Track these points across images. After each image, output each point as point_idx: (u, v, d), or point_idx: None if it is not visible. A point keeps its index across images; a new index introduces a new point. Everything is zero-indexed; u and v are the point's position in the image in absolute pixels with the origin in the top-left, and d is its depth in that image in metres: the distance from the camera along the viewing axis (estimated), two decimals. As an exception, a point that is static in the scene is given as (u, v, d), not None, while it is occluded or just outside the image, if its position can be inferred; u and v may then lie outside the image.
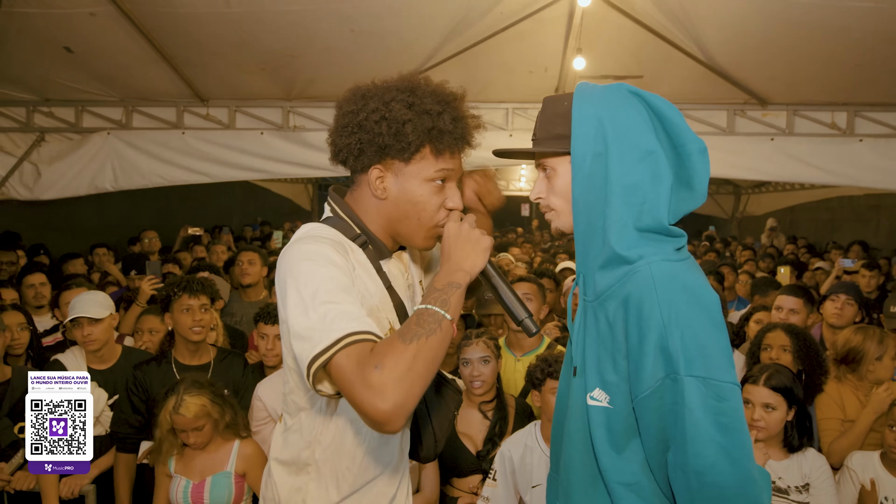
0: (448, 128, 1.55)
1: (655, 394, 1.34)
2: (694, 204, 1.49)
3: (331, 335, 1.31)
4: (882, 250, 10.50)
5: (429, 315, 1.36)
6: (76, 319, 3.23)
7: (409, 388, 1.27)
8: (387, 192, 1.58)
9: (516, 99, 6.16)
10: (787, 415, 2.61)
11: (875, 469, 2.76)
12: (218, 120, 6.27)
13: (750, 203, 15.44)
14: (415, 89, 1.55)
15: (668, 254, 1.44)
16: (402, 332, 1.33)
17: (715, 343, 1.34)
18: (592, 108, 1.47)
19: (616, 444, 1.42)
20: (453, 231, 1.53)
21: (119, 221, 9.58)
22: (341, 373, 1.29)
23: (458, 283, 1.44)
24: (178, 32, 4.95)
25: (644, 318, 1.35)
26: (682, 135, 1.46)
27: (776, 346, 3.14)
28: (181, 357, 3.20)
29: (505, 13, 4.78)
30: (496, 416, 3.00)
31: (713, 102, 5.97)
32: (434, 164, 1.56)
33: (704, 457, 1.29)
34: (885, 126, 5.73)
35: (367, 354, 1.29)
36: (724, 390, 1.31)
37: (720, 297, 1.50)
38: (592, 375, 1.47)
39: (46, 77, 5.67)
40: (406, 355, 1.28)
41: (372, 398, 1.25)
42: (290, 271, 1.44)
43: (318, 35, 4.95)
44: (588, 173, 1.46)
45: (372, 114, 1.53)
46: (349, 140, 1.56)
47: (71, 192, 6.26)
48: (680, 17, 4.71)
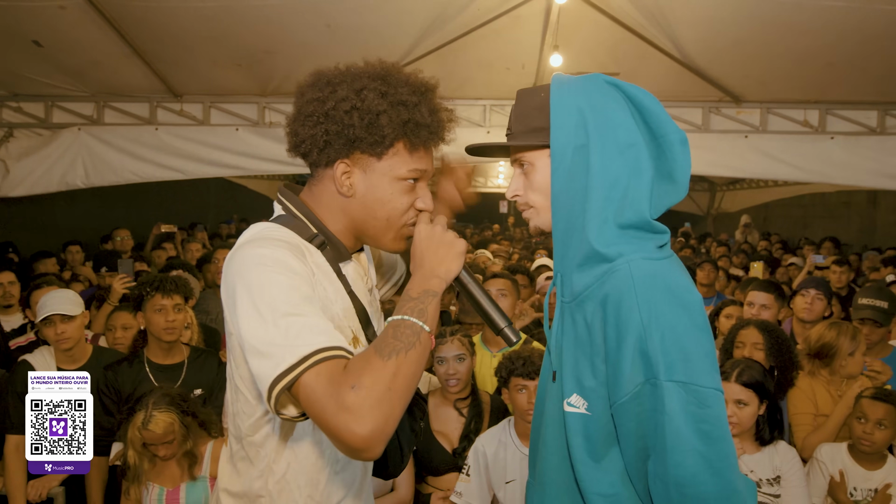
0: (426, 121, 1.42)
1: (634, 399, 1.27)
2: (676, 197, 1.42)
3: (296, 351, 1.17)
4: (852, 246, 10.71)
5: (406, 327, 1.24)
6: (48, 318, 3.16)
7: (390, 409, 1.14)
8: (353, 188, 1.44)
9: (493, 96, 6.16)
10: (758, 409, 2.65)
11: (843, 460, 2.81)
12: (192, 116, 6.19)
13: (724, 200, 15.62)
14: (387, 77, 1.42)
15: (649, 251, 1.37)
16: (378, 347, 1.20)
17: (697, 346, 1.26)
18: (572, 98, 1.39)
19: (594, 452, 1.35)
20: (425, 234, 1.41)
21: (91, 219, 9.43)
22: (310, 394, 1.15)
23: (434, 292, 1.33)
24: (151, 26, 4.88)
25: (622, 319, 1.27)
26: (663, 125, 1.38)
27: (749, 344, 3.18)
28: (154, 356, 3.16)
29: (482, 9, 4.78)
30: (471, 414, 3.00)
31: (688, 100, 6.02)
32: (408, 162, 1.43)
33: (685, 467, 1.21)
34: (855, 124, 5.83)
35: (339, 373, 1.15)
36: (707, 396, 1.23)
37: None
38: (569, 381, 1.39)
39: (14, 71, 5.55)
40: (385, 373, 1.15)
41: (348, 423, 1.11)
42: (241, 278, 1.28)
43: (294, 30, 4.90)
44: (569, 167, 1.38)
45: (341, 102, 1.38)
46: (314, 131, 1.40)
47: (41, 188, 6.15)
48: (656, 16, 4.75)
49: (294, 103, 1.48)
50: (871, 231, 11.46)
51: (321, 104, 1.40)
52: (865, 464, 2.78)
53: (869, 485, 2.75)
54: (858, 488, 2.75)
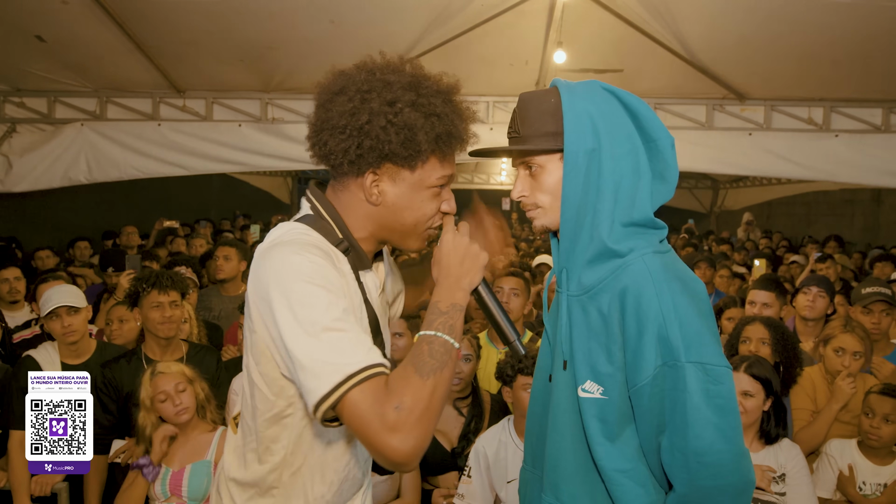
0: (458, 132, 1.45)
1: (654, 381, 1.39)
2: (667, 196, 1.54)
3: (343, 370, 1.22)
4: (856, 244, 10.68)
5: (440, 344, 1.30)
6: (54, 311, 3.16)
7: (428, 426, 1.22)
8: (382, 197, 1.45)
9: (497, 92, 6.14)
10: (764, 404, 2.66)
11: (852, 455, 2.84)
12: (195, 111, 6.18)
13: (728, 197, 15.58)
14: (419, 87, 1.42)
15: (655, 246, 1.49)
16: (416, 365, 1.26)
17: (707, 329, 1.40)
18: (583, 104, 1.47)
19: (610, 433, 1.46)
20: (451, 243, 1.46)
21: (94, 214, 9.44)
22: (355, 411, 1.21)
23: (460, 306, 1.39)
24: (154, 22, 4.87)
25: (643, 309, 1.39)
26: (656, 129, 1.50)
27: (755, 339, 3.17)
28: (151, 353, 3.15)
29: (485, 5, 4.76)
30: (471, 413, 3.00)
31: (692, 97, 6.00)
32: (438, 171, 1.46)
33: (703, 438, 1.36)
34: (860, 122, 5.81)
35: (382, 390, 1.22)
36: (720, 374, 1.38)
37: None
38: (583, 368, 1.49)
39: (18, 66, 5.55)
40: (424, 392, 1.22)
41: (391, 440, 1.18)
42: (278, 286, 1.31)
43: (297, 26, 4.89)
44: (582, 170, 1.47)
45: (376, 117, 1.37)
46: (346, 144, 1.39)
47: (44, 184, 6.14)
48: (660, 12, 4.73)
49: (318, 108, 1.47)
50: (875, 229, 11.44)
51: (353, 117, 1.39)
52: (875, 459, 2.80)
53: (878, 479, 2.76)
54: (868, 483, 2.76)
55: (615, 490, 1.46)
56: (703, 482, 1.38)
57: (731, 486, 1.40)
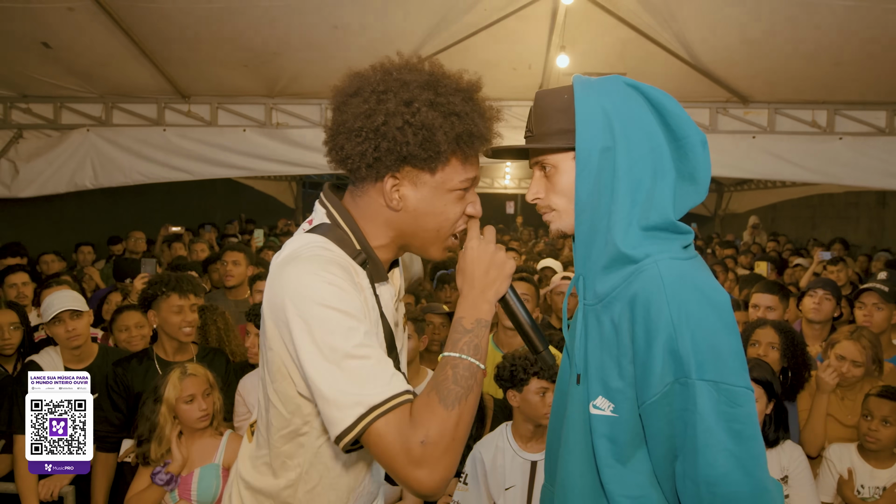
0: (479, 131, 1.37)
1: (664, 399, 1.27)
2: (698, 198, 1.43)
3: (366, 401, 1.19)
4: (861, 247, 10.64)
5: (465, 368, 1.25)
6: (57, 316, 3.18)
7: (455, 456, 1.21)
8: (403, 202, 1.39)
9: (500, 96, 6.14)
10: (766, 408, 2.65)
11: (851, 459, 2.83)
12: (200, 117, 6.21)
13: (732, 200, 15.56)
14: (436, 85, 1.36)
15: (675, 252, 1.36)
16: (441, 393, 1.22)
17: (727, 345, 1.26)
18: (597, 100, 1.37)
19: (620, 455, 1.35)
20: (477, 251, 1.39)
21: (99, 219, 9.47)
22: (380, 443, 1.19)
23: (486, 321, 1.33)
24: (159, 28, 4.90)
25: (652, 318, 1.27)
26: (684, 126, 1.39)
27: (764, 343, 3.16)
28: (163, 354, 3.18)
29: (488, 10, 4.78)
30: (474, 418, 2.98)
31: (696, 100, 6.00)
32: (461, 173, 1.39)
33: (716, 466, 1.22)
34: (864, 124, 5.80)
35: (406, 422, 1.19)
36: (738, 395, 1.23)
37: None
38: (595, 383, 1.38)
39: (24, 73, 5.58)
40: (450, 423, 1.20)
41: (419, 475, 1.17)
42: (297, 308, 1.26)
43: (300, 31, 4.91)
44: (595, 170, 1.37)
45: (392, 118, 1.31)
46: (362, 147, 1.33)
47: (50, 189, 6.18)
48: (664, 15, 4.74)
49: (335, 111, 1.41)
50: (880, 232, 11.39)
51: (369, 119, 1.32)
52: (874, 462, 2.79)
53: (877, 483, 2.76)
54: (866, 486, 2.76)
55: None
56: None
57: None
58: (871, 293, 3.59)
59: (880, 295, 3.56)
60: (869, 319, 3.56)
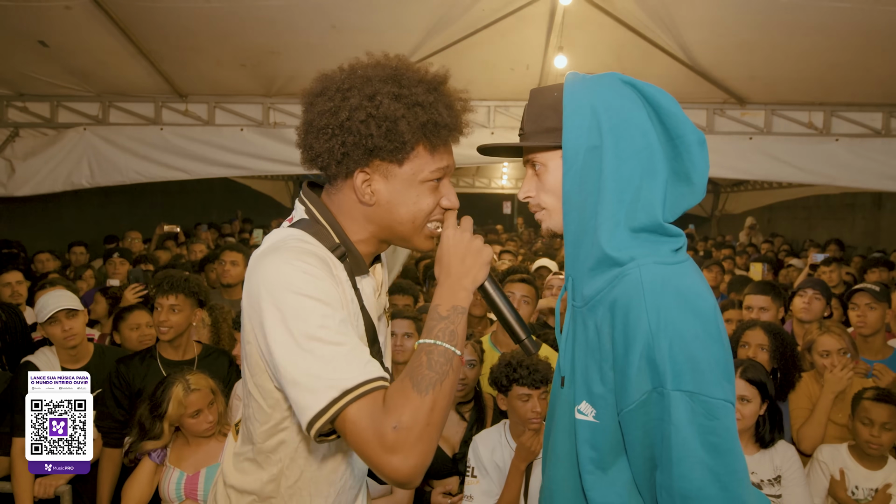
0: (444, 120, 1.37)
1: (641, 408, 1.24)
2: (693, 200, 1.39)
3: (337, 385, 1.18)
4: (857, 248, 10.68)
5: (439, 354, 1.24)
6: (53, 315, 3.17)
7: (430, 442, 1.19)
8: (375, 196, 1.40)
9: (498, 97, 6.16)
10: (759, 409, 2.66)
11: (844, 460, 2.82)
12: (197, 116, 6.21)
13: (729, 201, 15.59)
14: (399, 78, 1.36)
15: (663, 255, 1.33)
16: (414, 379, 1.21)
17: (707, 354, 1.22)
18: (586, 97, 1.35)
19: (601, 461, 1.32)
20: (453, 240, 1.38)
21: (96, 218, 9.45)
22: (353, 430, 1.18)
23: (462, 308, 1.32)
24: (157, 27, 4.89)
25: (630, 325, 1.24)
26: (680, 125, 1.35)
27: (754, 345, 3.18)
28: (165, 353, 3.19)
29: (486, 10, 4.78)
30: (473, 418, 2.99)
31: (693, 101, 6.01)
32: (430, 163, 1.39)
33: (691, 479, 1.19)
34: (860, 126, 5.82)
35: (379, 408, 1.18)
36: (715, 407, 1.20)
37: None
38: (580, 387, 1.36)
39: (21, 71, 5.58)
40: (423, 409, 1.18)
41: (392, 461, 1.16)
42: (270, 297, 1.27)
43: (298, 31, 4.91)
44: (581, 168, 1.34)
45: (355, 112, 1.32)
46: (329, 144, 1.35)
47: (46, 188, 6.17)
48: (661, 16, 4.75)
49: (304, 112, 1.43)
50: (876, 233, 11.42)
51: (334, 115, 1.35)
52: (867, 464, 2.79)
53: (870, 484, 2.76)
54: (860, 487, 2.76)
55: None
56: None
57: None
58: (864, 293, 3.60)
59: (872, 295, 3.57)
60: (863, 320, 3.56)
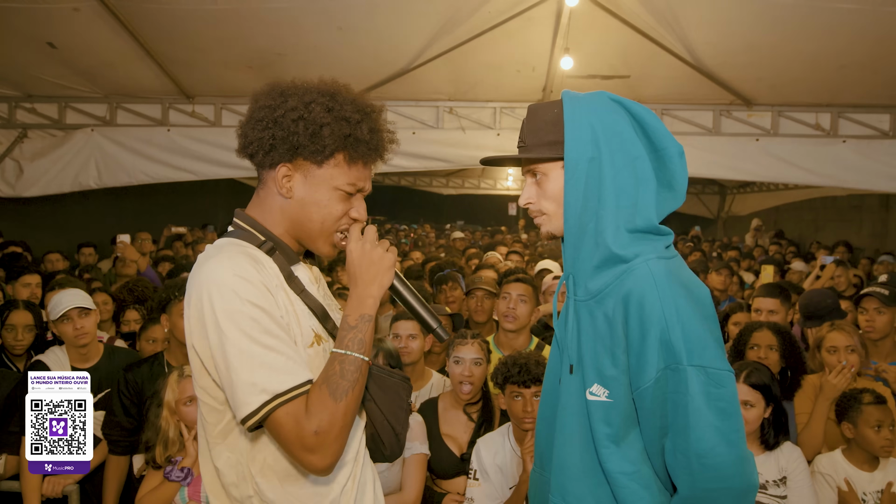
0: (365, 137, 1.52)
1: (657, 384, 1.43)
2: (675, 204, 1.58)
3: (269, 388, 1.34)
4: (864, 250, 10.62)
5: (350, 363, 1.41)
6: (65, 314, 3.18)
7: (342, 441, 1.39)
8: (292, 191, 1.53)
9: (504, 98, 6.16)
10: (764, 412, 2.64)
11: (844, 468, 2.79)
12: (204, 117, 6.23)
13: (735, 203, 15.53)
14: (335, 95, 1.52)
15: (660, 251, 1.52)
16: (331, 387, 1.38)
17: (709, 334, 1.44)
18: (584, 115, 1.53)
19: (615, 436, 1.49)
20: (356, 252, 1.51)
21: (103, 219, 9.49)
22: (279, 431, 1.35)
23: (369, 316, 1.47)
24: (164, 29, 4.92)
25: (646, 313, 1.43)
26: (663, 139, 1.54)
27: (763, 346, 3.17)
28: (174, 359, 3.13)
29: (493, 12, 4.79)
30: (481, 419, 2.99)
31: (699, 103, 6.01)
32: (346, 174, 1.52)
33: (705, 440, 1.39)
34: (868, 127, 5.80)
35: (303, 413, 1.34)
36: (722, 377, 1.41)
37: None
38: (590, 371, 1.53)
39: (29, 73, 5.61)
40: (338, 414, 1.36)
41: (312, 460, 1.35)
42: (209, 301, 1.37)
43: (305, 33, 4.93)
44: (583, 177, 1.52)
45: (290, 112, 1.48)
46: (262, 134, 1.51)
47: (54, 189, 6.21)
48: (667, 18, 4.74)
49: (248, 108, 1.59)
50: (884, 235, 11.37)
51: (271, 111, 1.50)
52: (864, 466, 2.77)
53: (873, 487, 2.74)
54: (868, 493, 2.74)
55: (620, 492, 1.49)
56: (705, 484, 1.41)
57: (734, 489, 1.43)
58: (872, 298, 3.59)
59: (880, 299, 3.56)
60: (871, 324, 3.55)
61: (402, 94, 6.02)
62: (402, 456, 2.73)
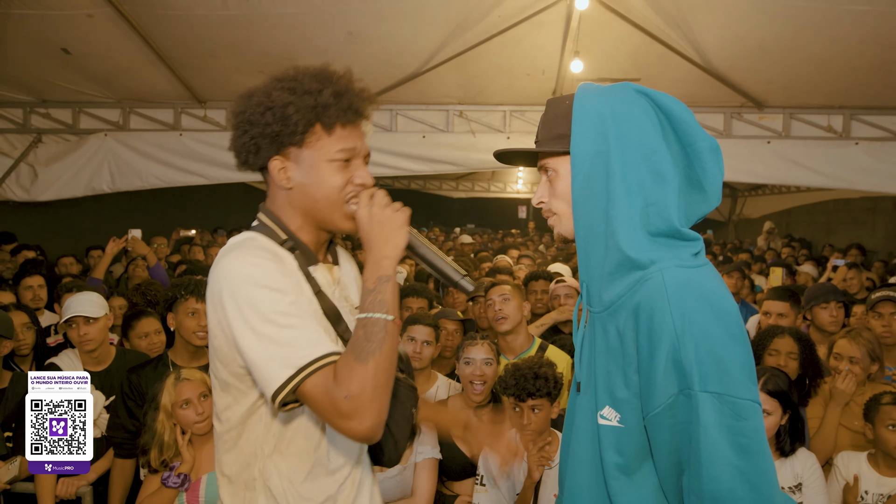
0: (330, 102, 1.50)
1: (668, 411, 1.23)
2: (707, 207, 1.41)
3: (293, 363, 1.33)
4: (878, 252, 10.54)
5: (373, 324, 1.38)
6: (71, 319, 3.22)
7: (381, 401, 1.35)
8: (291, 180, 1.53)
9: (514, 101, 6.17)
10: (780, 419, 2.61)
11: (859, 466, 2.79)
12: (215, 122, 6.27)
13: (746, 206, 15.47)
14: (296, 76, 1.54)
15: (683, 259, 1.33)
16: (356, 351, 1.35)
17: (733, 356, 1.23)
18: (594, 105, 1.38)
19: (627, 467, 1.32)
20: (365, 217, 1.48)
21: (116, 223, 9.55)
22: (312, 402, 1.34)
23: (387, 276, 1.44)
24: (176, 34, 4.96)
25: (655, 328, 1.24)
26: (692, 133, 1.37)
27: (784, 353, 3.14)
28: (179, 360, 3.14)
29: (503, 16, 4.79)
30: (491, 421, 2.99)
31: (710, 105, 5.99)
32: (330, 143, 1.51)
33: (721, 482, 1.18)
34: (880, 129, 5.76)
35: (332, 381, 1.32)
36: (743, 408, 1.20)
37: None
38: (602, 392, 1.36)
39: (44, 78, 5.68)
40: (368, 376, 1.32)
41: (350, 425, 1.32)
42: (229, 290, 1.40)
43: (315, 37, 4.96)
44: (588, 173, 1.37)
45: (256, 107, 1.50)
46: (243, 139, 1.52)
47: (68, 193, 6.27)
48: (677, 21, 4.73)
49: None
50: (898, 237, 11.28)
51: (243, 114, 1.52)
52: (884, 470, 2.74)
53: (882, 490, 2.72)
54: (870, 492, 2.72)
55: None
56: None
57: None
58: (888, 303, 3.55)
59: (891, 298, 3.53)
60: (888, 329, 3.50)
61: (411, 97, 6.03)
62: (413, 460, 2.75)
